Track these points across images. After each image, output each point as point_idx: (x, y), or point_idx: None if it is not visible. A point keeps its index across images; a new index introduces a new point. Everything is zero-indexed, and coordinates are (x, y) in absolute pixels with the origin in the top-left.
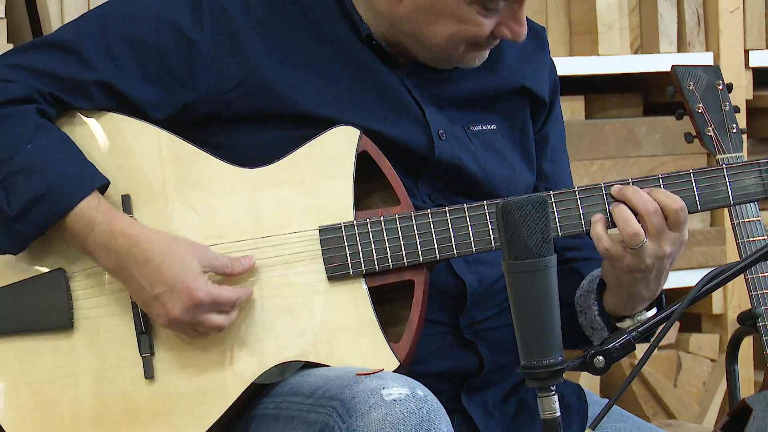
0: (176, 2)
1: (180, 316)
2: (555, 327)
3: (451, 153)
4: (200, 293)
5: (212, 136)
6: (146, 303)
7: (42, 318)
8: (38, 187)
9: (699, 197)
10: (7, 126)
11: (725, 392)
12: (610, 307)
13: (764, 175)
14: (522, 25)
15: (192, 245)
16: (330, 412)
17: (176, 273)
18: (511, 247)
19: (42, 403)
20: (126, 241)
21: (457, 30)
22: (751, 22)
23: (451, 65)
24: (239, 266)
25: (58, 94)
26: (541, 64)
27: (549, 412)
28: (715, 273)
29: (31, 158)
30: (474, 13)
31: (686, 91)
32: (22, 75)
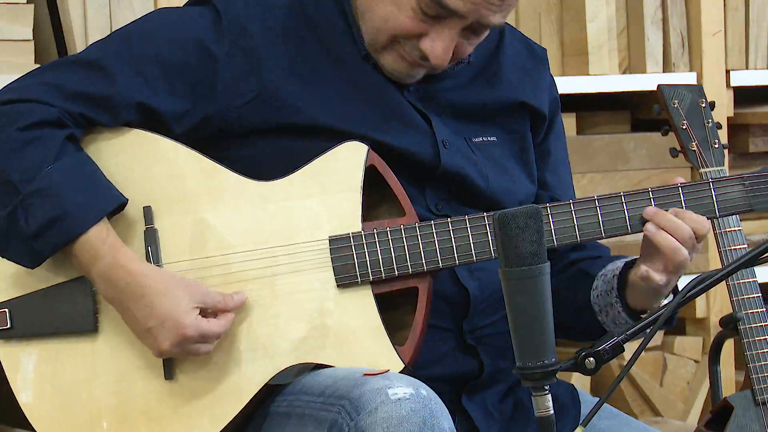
0: (199, 21)
1: (169, 349)
2: (548, 330)
3: (455, 162)
4: (189, 330)
5: (228, 149)
6: (140, 335)
7: (69, 322)
8: (52, 210)
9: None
10: (31, 148)
11: (708, 391)
12: (634, 305)
13: (747, 189)
14: (443, 50)
15: (186, 283)
16: (339, 410)
17: (167, 309)
18: (507, 255)
19: (67, 402)
20: (125, 275)
21: (390, 13)
22: (731, 44)
23: (381, 61)
24: (231, 302)
25: (87, 113)
26: (540, 81)
27: (543, 410)
28: (698, 279)
29: (50, 182)
30: (409, 6)
31: (671, 109)
32: (53, 95)
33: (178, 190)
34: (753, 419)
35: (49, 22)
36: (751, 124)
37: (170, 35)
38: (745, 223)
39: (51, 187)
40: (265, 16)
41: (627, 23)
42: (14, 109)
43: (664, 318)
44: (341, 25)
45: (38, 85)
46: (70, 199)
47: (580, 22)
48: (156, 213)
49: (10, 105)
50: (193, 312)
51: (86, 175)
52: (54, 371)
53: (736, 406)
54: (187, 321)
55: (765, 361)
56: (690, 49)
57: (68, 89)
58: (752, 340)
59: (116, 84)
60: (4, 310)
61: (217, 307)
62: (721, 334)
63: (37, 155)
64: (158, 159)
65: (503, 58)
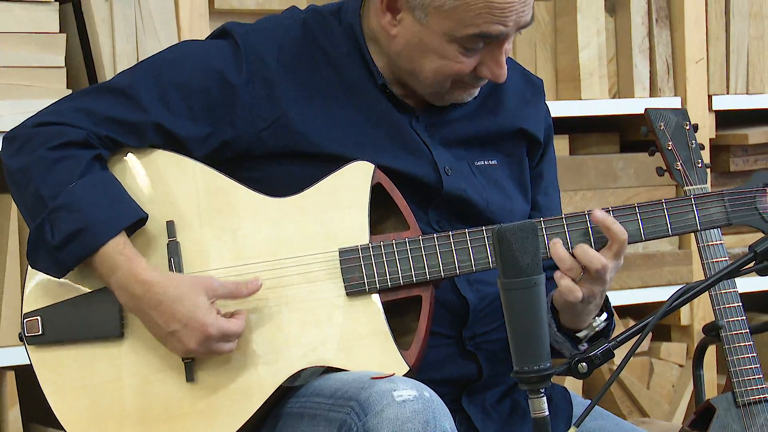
0: (220, 51)
1: (195, 348)
2: (544, 337)
3: (457, 187)
4: (211, 329)
5: (247, 170)
6: (163, 339)
7: (96, 328)
8: (74, 224)
9: (670, 224)
10: (59, 166)
11: (692, 394)
12: (566, 324)
13: (727, 205)
14: (501, 67)
15: (198, 281)
16: (348, 411)
17: (187, 311)
18: (505, 266)
19: (95, 402)
20: (141, 285)
21: (441, 65)
22: (713, 71)
23: (444, 101)
24: (245, 289)
25: (114, 136)
26: (537, 110)
27: (538, 411)
28: (683, 290)
29: (74, 197)
30: (454, 51)
31: (658, 131)
32: (83, 119)
33: (198, 206)
34: (734, 420)
35: (80, 51)
36: (731, 145)
37: (193, 65)
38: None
39: (74, 203)
40: (281, 48)
41: (616, 52)
42: (46, 131)
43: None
44: (355, 55)
45: (70, 109)
46: (91, 213)
47: (572, 51)
48: (178, 227)
49: (43, 127)
50: (213, 310)
51: (107, 192)
52: (82, 374)
53: (719, 407)
54: (209, 320)
55: (745, 365)
56: (675, 76)
57: (97, 114)
58: (733, 346)
59: (142, 110)
60: (36, 317)
61: (232, 295)
62: (704, 340)
63: (64, 173)
64: (180, 177)
65: (504, 88)
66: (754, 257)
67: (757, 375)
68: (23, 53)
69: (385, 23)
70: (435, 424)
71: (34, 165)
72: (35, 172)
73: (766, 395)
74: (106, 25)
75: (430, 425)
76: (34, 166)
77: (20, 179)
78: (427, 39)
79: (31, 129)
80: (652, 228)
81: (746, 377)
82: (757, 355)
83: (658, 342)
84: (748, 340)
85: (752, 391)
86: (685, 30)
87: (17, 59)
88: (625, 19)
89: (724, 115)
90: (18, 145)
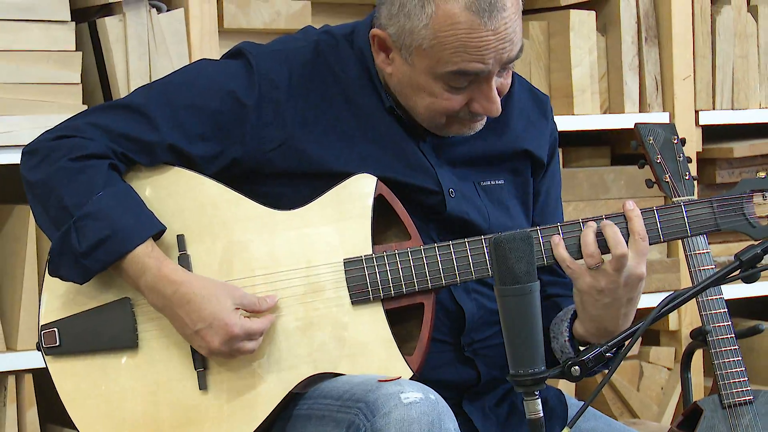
0: (233, 72)
1: (219, 347)
2: (538, 341)
3: (460, 209)
4: (236, 328)
5: (256, 186)
6: (189, 337)
7: (111, 339)
8: (103, 231)
9: (661, 229)
10: (83, 176)
11: (680, 395)
12: (578, 333)
13: (715, 211)
14: (492, 102)
15: (225, 286)
16: (356, 412)
17: (213, 311)
18: (501, 274)
19: (111, 410)
20: (171, 285)
21: (431, 102)
22: (699, 88)
23: (445, 133)
24: (265, 304)
25: (128, 153)
26: (542, 130)
27: (534, 413)
28: (672, 297)
29: (101, 206)
30: (440, 89)
31: (647, 145)
32: (101, 135)
33: (207, 220)
34: (720, 421)
35: (95, 68)
36: (717, 158)
37: (206, 85)
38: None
39: (101, 211)
40: (292, 70)
41: (607, 69)
42: (66, 143)
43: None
44: (365, 78)
45: (87, 125)
46: (119, 221)
47: (565, 68)
48: (188, 240)
49: (62, 140)
50: (236, 312)
51: (132, 201)
52: (99, 383)
53: (705, 408)
54: (233, 320)
55: (731, 368)
56: (663, 92)
57: (113, 131)
58: (719, 350)
59: (156, 129)
60: (54, 329)
61: (253, 308)
62: (692, 344)
63: (87, 183)
64: (190, 192)
65: (511, 109)
66: (740, 265)
67: (742, 378)
68: (41, 70)
69: (380, 62)
70: (440, 426)
71: (57, 175)
72: (58, 182)
73: (751, 397)
74: (120, 43)
75: (435, 426)
76: (56, 176)
77: (41, 190)
78: (415, 77)
79: (52, 142)
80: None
81: (732, 380)
82: (742, 359)
83: (647, 346)
84: (733, 345)
85: (737, 393)
86: (673, 49)
87: (35, 76)
88: (615, 38)
89: (710, 129)
90: (39, 158)
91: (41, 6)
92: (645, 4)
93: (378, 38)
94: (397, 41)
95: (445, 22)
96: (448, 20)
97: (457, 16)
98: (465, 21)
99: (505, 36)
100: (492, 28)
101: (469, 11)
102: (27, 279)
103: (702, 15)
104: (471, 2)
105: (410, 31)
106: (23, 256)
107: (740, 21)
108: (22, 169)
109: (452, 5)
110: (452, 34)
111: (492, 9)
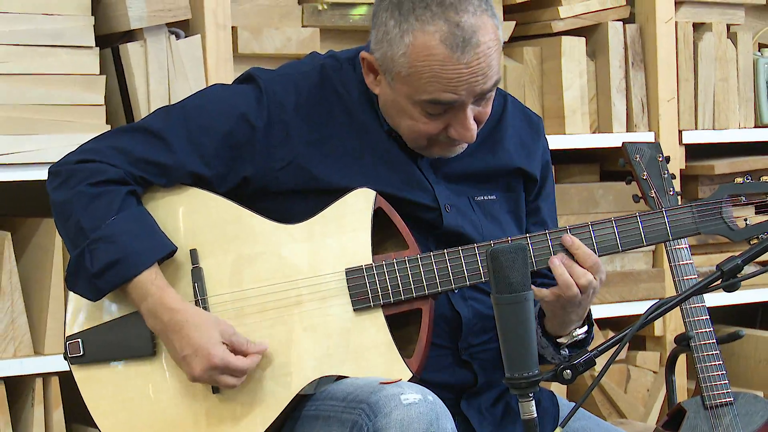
0: (244, 96)
1: (200, 374)
2: (532, 346)
3: (455, 223)
4: (216, 359)
5: (265, 203)
6: (178, 362)
7: (131, 348)
8: (113, 254)
9: (644, 234)
10: (99, 201)
11: (665, 397)
12: (549, 330)
13: (696, 216)
14: (467, 129)
15: (218, 321)
16: (359, 413)
17: (200, 341)
18: (497, 283)
19: (132, 414)
20: (167, 312)
21: (411, 125)
22: (683, 109)
23: (429, 154)
24: (253, 348)
25: (147, 176)
26: (535, 149)
27: (528, 413)
28: (657, 305)
29: (114, 230)
30: (419, 113)
31: (634, 162)
32: (119, 159)
33: (219, 235)
34: (703, 421)
35: (117, 91)
36: (699, 175)
37: (219, 109)
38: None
39: (112, 235)
40: (299, 93)
41: (596, 92)
42: (87, 168)
43: (629, 337)
44: (366, 100)
45: (108, 148)
46: (128, 246)
47: (557, 91)
48: (201, 255)
49: (84, 164)
50: (222, 345)
51: (143, 227)
52: (120, 390)
53: (689, 409)
54: (215, 351)
55: (712, 372)
56: (649, 113)
57: (133, 155)
58: (702, 355)
59: (173, 152)
60: (78, 339)
61: (240, 348)
62: (676, 349)
63: (103, 207)
64: (203, 210)
65: (504, 129)
66: (721, 275)
67: (723, 381)
68: (67, 92)
69: (369, 83)
70: (438, 425)
71: (76, 199)
72: (77, 205)
73: (731, 399)
74: (141, 68)
75: (433, 426)
76: (75, 199)
77: (63, 211)
78: (397, 100)
79: (73, 165)
80: (628, 238)
81: (714, 382)
82: (723, 363)
83: (634, 351)
84: (715, 350)
85: (719, 395)
86: (657, 72)
87: (62, 98)
88: (604, 62)
89: (692, 148)
90: (61, 180)
91: (68, 33)
92: (632, 31)
93: (366, 61)
94: (381, 65)
95: (421, 53)
96: (424, 51)
97: (433, 48)
98: (439, 53)
99: (478, 70)
100: (465, 61)
101: (443, 44)
102: (54, 288)
103: (685, 41)
104: (446, 36)
105: (391, 58)
106: (50, 266)
107: (720, 47)
108: (48, 187)
109: (429, 38)
110: (427, 65)
111: (466, 44)
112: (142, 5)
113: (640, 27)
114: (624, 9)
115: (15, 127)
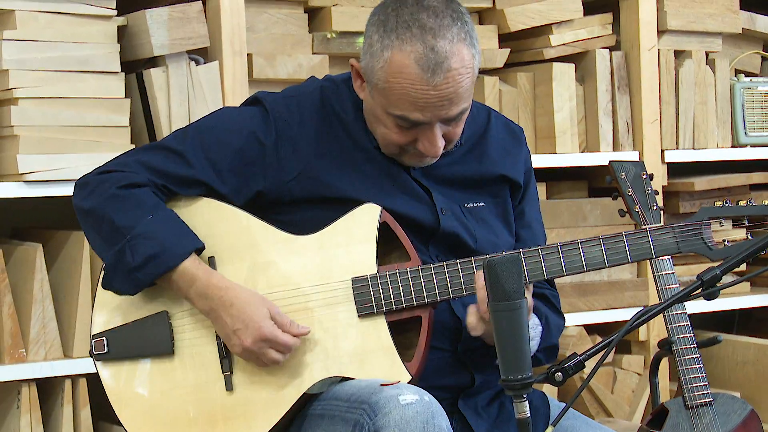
0: (253, 116)
1: (250, 346)
2: (526, 350)
3: (451, 225)
4: (266, 331)
5: (277, 214)
6: (227, 336)
7: (151, 347)
8: (154, 247)
9: (629, 251)
10: (131, 201)
11: (649, 398)
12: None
13: (677, 236)
14: (433, 146)
15: (264, 299)
16: (361, 413)
17: (251, 315)
18: (494, 291)
19: (152, 408)
20: (218, 291)
21: (384, 132)
22: (665, 130)
23: (399, 161)
24: (296, 329)
25: (168, 185)
26: (517, 157)
27: (521, 413)
28: (642, 312)
29: (150, 227)
30: (392, 124)
31: (620, 180)
32: (142, 169)
33: (236, 244)
34: (684, 420)
35: (141, 113)
36: (680, 191)
37: (231, 127)
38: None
39: (151, 232)
40: (301, 113)
41: (585, 114)
42: (114, 176)
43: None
44: (359, 119)
45: (132, 161)
46: (167, 240)
47: (549, 113)
48: (218, 262)
49: (111, 173)
50: (270, 320)
51: (177, 224)
52: (141, 385)
53: (671, 409)
54: (265, 324)
55: (693, 374)
56: (633, 134)
57: (154, 167)
58: (683, 358)
59: (190, 167)
60: (103, 338)
61: (284, 326)
62: (659, 353)
63: (136, 207)
64: (219, 220)
65: (488, 140)
66: (701, 285)
67: (703, 383)
68: (95, 115)
69: (356, 87)
70: (434, 424)
71: (109, 201)
72: (109, 207)
73: (711, 399)
74: (163, 91)
75: (429, 424)
76: (108, 202)
77: (94, 215)
78: (375, 108)
79: (101, 175)
80: (615, 256)
81: (694, 384)
82: (703, 366)
83: (620, 354)
84: (695, 353)
85: (699, 395)
86: (642, 96)
87: (90, 120)
88: (592, 87)
89: (674, 166)
90: (90, 189)
91: (96, 60)
92: (617, 57)
93: (354, 67)
94: (365, 74)
95: (396, 69)
96: (398, 69)
97: (406, 67)
98: (411, 73)
99: (446, 95)
100: (434, 84)
101: (416, 64)
102: (81, 295)
103: (667, 67)
104: (420, 57)
105: (372, 69)
106: (78, 275)
107: (700, 72)
108: (75, 199)
109: (404, 56)
110: (399, 82)
111: (437, 68)
112: (164, 34)
113: (626, 54)
114: (610, 37)
115: (48, 147)
